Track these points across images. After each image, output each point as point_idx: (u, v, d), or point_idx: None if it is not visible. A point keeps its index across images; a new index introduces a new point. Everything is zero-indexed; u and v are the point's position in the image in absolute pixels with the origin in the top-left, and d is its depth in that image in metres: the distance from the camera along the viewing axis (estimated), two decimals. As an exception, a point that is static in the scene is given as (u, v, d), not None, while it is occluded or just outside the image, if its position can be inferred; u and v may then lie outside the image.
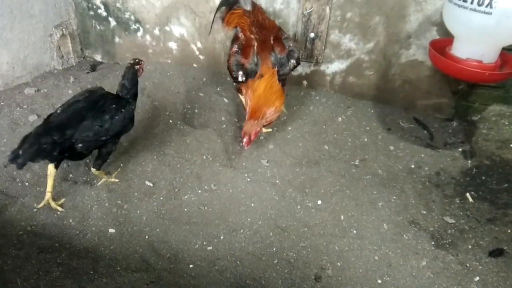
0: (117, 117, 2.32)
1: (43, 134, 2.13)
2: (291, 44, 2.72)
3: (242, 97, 2.91)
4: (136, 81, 2.46)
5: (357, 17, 3.14)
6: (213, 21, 3.03)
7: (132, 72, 2.43)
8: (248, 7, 2.88)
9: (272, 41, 2.67)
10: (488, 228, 2.32)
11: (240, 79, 2.64)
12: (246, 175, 2.62)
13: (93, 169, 2.41)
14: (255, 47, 2.64)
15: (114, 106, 2.33)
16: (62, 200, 2.37)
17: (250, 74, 2.63)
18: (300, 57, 2.78)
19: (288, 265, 2.07)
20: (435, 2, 2.92)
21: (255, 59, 2.62)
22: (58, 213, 2.29)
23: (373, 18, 3.11)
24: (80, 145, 2.21)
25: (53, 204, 2.30)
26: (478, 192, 2.56)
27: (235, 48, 2.73)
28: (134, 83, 2.44)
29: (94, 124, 2.23)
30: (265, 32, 2.72)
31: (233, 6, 2.92)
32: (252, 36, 2.69)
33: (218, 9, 3.00)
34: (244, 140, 2.49)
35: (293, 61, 2.66)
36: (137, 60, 2.45)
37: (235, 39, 2.82)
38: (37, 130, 2.17)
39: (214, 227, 2.27)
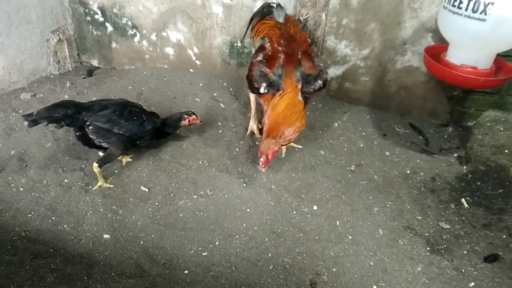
0: (135, 118, 2.52)
1: (61, 106, 2.37)
2: (321, 64, 2.55)
3: (252, 97, 2.87)
4: (175, 126, 2.78)
5: (353, 24, 3.16)
6: (247, 29, 2.98)
7: (177, 118, 2.77)
8: (281, 19, 2.77)
9: (299, 56, 2.52)
10: (483, 233, 2.33)
11: (262, 91, 2.46)
12: (242, 180, 2.61)
13: (95, 164, 2.44)
14: (281, 59, 2.49)
15: (140, 112, 2.59)
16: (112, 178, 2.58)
17: (272, 86, 2.46)
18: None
19: (283, 271, 2.07)
20: (430, 8, 2.94)
21: (279, 71, 2.45)
22: (53, 218, 2.28)
23: (369, 24, 3.12)
24: (90, 127, 2.39)
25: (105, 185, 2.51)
26: (474, 198, 2.56)
27: (259, 58, 2.60)
28: (173, 125, 2.77)
29: (112, 114, 2.44)
30: (294, 46, 2.57)
31: (266, 16, 2.83)
32: (280, 48, 2.55)
33: (252, 18, 2.93)
34: (261, 160, 2.34)
35: (320, 82, 2.47)
36: (190, 112, 2.79)
37: (261, 49, 2.70)
38: (60, 102, 2.43)
39: (210, 233, 2.26)
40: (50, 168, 2.62)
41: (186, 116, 2.76)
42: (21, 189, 2.46)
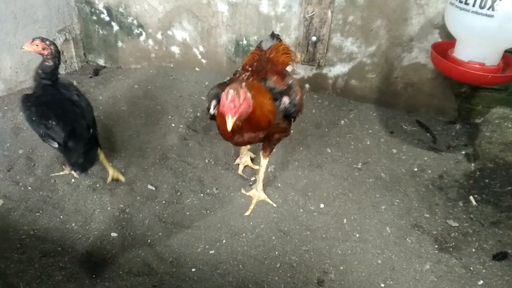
0: None
1: None
2: (291, 81, 2.14)
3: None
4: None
5: (359, 21, 3.14)
6: None
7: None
8: (266, 47, 2.48)
9: (267, 70, 2.19)
10: (492, 231, 2.31)
11: (212, 111, 2.08)
12: (248, 178, 2.61)
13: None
14: (245, 76, 2.17)
15: None
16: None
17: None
18: (294, 101, 2.10)
19: (290, 269, 2.07)
20: (437, 5, 2.92)
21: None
22: (61, 217, 2.30)
23: (375, 21, 3.11)
24: None
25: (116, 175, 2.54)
26: (482, 195, 2.54)
27: (225, 80, 2.29)
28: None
29: None
30: (266, 65, 2.27)
31: (258, 46, 2.58)
32: (248, 68, 2.25)
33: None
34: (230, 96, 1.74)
35: (286, 100, 2.04)
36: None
37: (233, 73, 2.37)
38: None
39: (216, 231, 2.26)
40: (58, 167, 2.63)
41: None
42: (29, 188, 2.48)
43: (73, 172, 2.57)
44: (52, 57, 2.24)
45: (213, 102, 2.06)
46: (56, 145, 2.15)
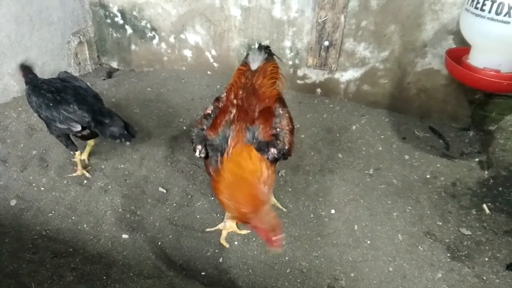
0: None
1: None
2: (278, 129, 1.98)
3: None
4: None
5: (372, 26, 3.13)
6: None
7: None
8: (254, 66, 2.28)
9: (256, 114, 2.01)
10: (506, 240, 2.27)
11: (197, 154, 1.97)
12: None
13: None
14: (232, 115, 1.98)
15: None
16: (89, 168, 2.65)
17: (213, 150, 1.95)
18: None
19: (300, 275, 2.06)
20: (451, 10, 2.89)
21: (226, 131, 1.93)
22: (73, 218, 2.31)
23: (389, 26, 3.09)
24: None
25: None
26: (495, 204, 2.51)
27: (209, 110, 2.12)
28: None
29: None
30: (253, 100, 2.08)
31: (244, 60, 2.40)
32: (234, 101, 2.07)
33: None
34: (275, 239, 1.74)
35: (273, 151, 1.91)
36: None
37: (215, 100, 2.20)
38: None
39: (226, 235, 2.26)
40: (70, 168, 2.66)
41: None
42: (42, 188, 2.50)
43: (85, 172, 2.60)
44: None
45: (199, 147, 1.97)
46: (79, 128, 2.29)
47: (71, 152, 2.61)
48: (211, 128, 1.98)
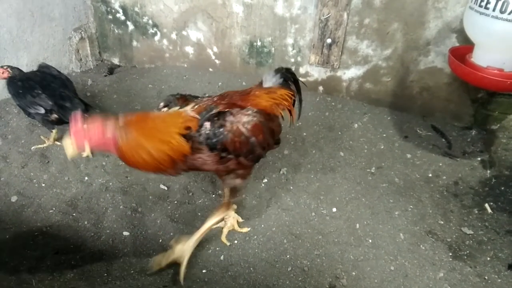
0: None
1: None
2: (232, 117, 1.78)
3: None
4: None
5: (375, 23, 3.11)
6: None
7: None
8: (266, 85, 2.14)
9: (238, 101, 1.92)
10: (508, 240, 2.26)
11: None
12: (260, 180, 2.60)
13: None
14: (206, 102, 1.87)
15: None
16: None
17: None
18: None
19: (302, 273, 2.05)
20: (455, 8, 2.88)
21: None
22: (74, 215, 2.31)
23: (392, 24, 3.07)
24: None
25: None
26: (497, 203, 2.50)
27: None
28: None
29: None
30: (237, 98, 1.97)
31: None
32: (225, 95, 2.00)
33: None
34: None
35: (206, 125, 1.73)
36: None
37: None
38: None
39: (228, 232, 2.25)
40: (71, 165, 2.65)
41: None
42: (43, 185, 2.50)
43: (56, 142, 2.80)
44: (13, 74, 2.64)
45: (161, 104, 1.94)
46: (43, 111, 2.50)
47: (50, 131, 2.80)
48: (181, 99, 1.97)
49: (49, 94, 2.52)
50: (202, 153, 1.75)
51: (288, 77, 2.20)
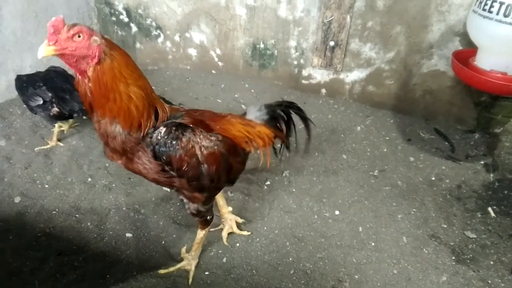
0: None
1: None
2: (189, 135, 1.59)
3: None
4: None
5: (378, 26, 3.12)
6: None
7: None
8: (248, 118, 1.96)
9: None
10: (511, 244, 2.26)
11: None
12: (263, 182, 2.60)
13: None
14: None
15: None
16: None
17: None
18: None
19: (304, 276, 2.05)
20: (458, 12, 2.88)
21: None
22: (77, 216, 2.31)
23: (395, 27, 3.08)
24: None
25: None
26: (501, 207, 2.49)
27: None
28: None
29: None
30: (205, 115, 1.80)
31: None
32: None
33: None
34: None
35: (161, 130, 1.55)
36: None
37: None
38: None
39: (230, 235, 2.25)
40: (75, 166, 2.66)
41: None
42: (46, 186, 2.50)
43: (59, 143, 2.84)
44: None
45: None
46: (41, 101, 2.59)
47: (52, 125, 2.88)
48: None
49: (50, 86, 2.62)
50: (144, 155, 1.58)
51: (278, 115, 2.02)
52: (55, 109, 2.60)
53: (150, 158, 1.58)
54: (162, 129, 1.55)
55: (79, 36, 1.36)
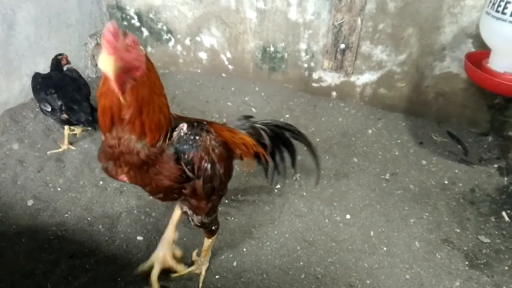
0: None
1: None
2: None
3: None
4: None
5: (390, 28, 3.09)
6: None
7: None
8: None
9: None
10: (526, 249, 2.22)
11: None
12: (273, 186, 2.59)
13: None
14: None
15: None
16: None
17: None
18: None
19: (315, 281, 2.03)
20: (471, 14, 2.84)
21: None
22: (88, 219, 2.33)
23: (406, 29, 3.05)
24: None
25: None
26: (515, 211, 2.45)
27: None
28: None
29: None
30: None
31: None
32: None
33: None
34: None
35: (183, 128, 1.52)
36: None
37: None
38: None
39: (240, 239, 2.25)
40: (87, 169, 2.68)
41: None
42: (59, 189, 2.53)
43: (71, 146, 2.88)
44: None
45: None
46: (50, 109, 2.65)
47: (62, 127, 2.91)
48: None
49: (61, 95, 2.65)
50: (165, 163, 1.49)
51: (260, 129, 1.94)
52: (64, 116, 2.67)
53: (171, 163, 1.50)
54: (184, 126, 1.51)
55: (132, 45, 1.24)
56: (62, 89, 2.70)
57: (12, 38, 3.06)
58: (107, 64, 1.17)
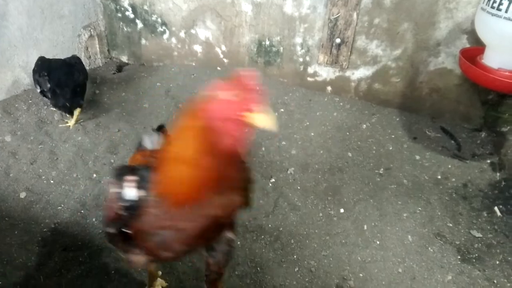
0: None
1: None
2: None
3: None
4: None
5: (385, 23, 3.09)
6: None
7: None
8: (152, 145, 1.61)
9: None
10: (517, 243, 2.25)
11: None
12: (268, 180, 2.60)
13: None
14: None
15: None
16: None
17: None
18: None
19: (309, 274, 2.04)
20: (466, 9, 2.85)
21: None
22: (82, 211, 2.32)
23: (402, 24, 3.05)
24: None
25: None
26: (507, 206, 2.47)
27: None
28: None
29: None
30: None
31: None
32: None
33: None
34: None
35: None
36: None
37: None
38: None
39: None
40: (80, 162, 2.66)
41: None
42: (52, 181, 2.51)
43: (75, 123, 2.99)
44: None
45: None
46: (39, 90, 2.81)
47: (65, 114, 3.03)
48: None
49: (52, 78, 2.77)
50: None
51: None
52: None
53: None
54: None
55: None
56: (53, 73, 2.80)
57: (4, 29, 3.02)
58: (270, 119, 0.99)
